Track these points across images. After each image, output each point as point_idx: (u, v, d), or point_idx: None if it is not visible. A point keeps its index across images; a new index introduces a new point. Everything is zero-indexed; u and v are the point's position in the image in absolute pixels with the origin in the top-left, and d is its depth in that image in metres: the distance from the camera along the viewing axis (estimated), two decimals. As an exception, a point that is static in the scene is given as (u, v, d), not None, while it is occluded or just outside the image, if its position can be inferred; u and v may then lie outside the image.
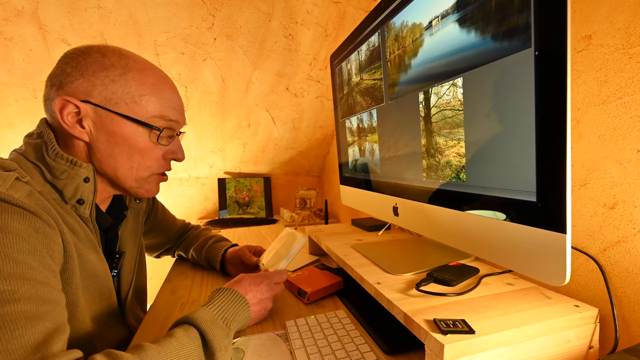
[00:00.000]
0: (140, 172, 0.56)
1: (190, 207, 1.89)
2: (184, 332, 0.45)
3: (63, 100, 0.50)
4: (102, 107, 0.51)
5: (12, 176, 0.44)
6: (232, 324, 0.53)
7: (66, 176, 0.51)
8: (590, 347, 0.47)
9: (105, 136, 0.52)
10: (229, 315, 0.53)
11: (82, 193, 0.52)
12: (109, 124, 0.52)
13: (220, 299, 0.55)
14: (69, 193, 0.51)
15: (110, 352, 0.39)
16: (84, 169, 0.52)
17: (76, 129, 0.51)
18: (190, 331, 0.46)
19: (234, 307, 0.55)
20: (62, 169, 0.50)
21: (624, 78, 0.47)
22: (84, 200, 0.52)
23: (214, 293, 0.57)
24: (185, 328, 0.46)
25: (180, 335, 0.45)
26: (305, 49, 1.27)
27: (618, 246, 0.49)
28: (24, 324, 0.35)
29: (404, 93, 0.67)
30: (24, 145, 0.52)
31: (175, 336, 0.44)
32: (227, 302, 0.55)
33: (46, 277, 0.41)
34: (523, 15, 0.41)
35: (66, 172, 0.51)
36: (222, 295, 0.56)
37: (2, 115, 1.32)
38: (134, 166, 0.55)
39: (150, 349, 0.41)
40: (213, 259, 0.86)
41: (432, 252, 0.73)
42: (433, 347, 0.41)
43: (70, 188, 0.51)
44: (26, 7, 1.01)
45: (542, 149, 0.40)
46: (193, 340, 0.45)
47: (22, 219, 0.41)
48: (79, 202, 0.52)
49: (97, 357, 0.38)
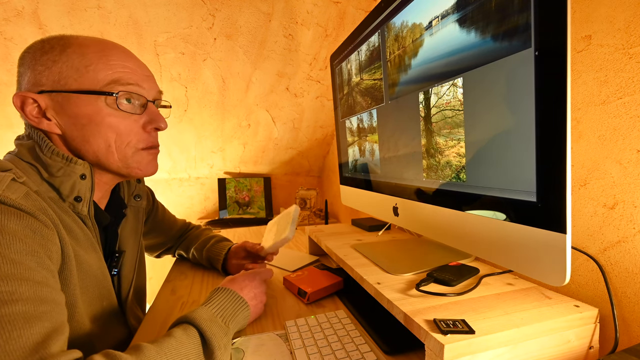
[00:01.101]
0: (121, 150, 0.54)
1: (190, 207, 1.89)
2: (183, 331, 0.46)
3: (19, 97, 0.49)
4: (54, 90, 0.50)
5: (8, 177, 0.44)
6: (231, 322, 0.53)
7: (62, 173, 0.50)
8: (590, 347, 0.47)
9: (71, 120, 0.51)
10: (228, 314, 0.53)
11: (79, 190, 0.52)
12: (68, 106, 0.50)
13: (219, 298, 0.56)
14: (65, 190, 0.51)
15: (108, 352, 0.39)
16: (79, 166, 0.52)
17: (43, 122, 0.51)
18: (189, 330, 0.46)
19: (233, 306, 0.56)
20: (59, 166, 0.50)
21: (624, 78, 0.47)
22: (81, 197, 0.52)
23: (212, 293, 0.58)
24: (184, 327, 0.47)
25: (179, 335, 0.45)
26: (305, 49, 1.27)
27: (618, 246, 0.49)
28: (22, 325, 0.35)
29: (404, 93, 0.67)
30: (16, 148, 0.52)
31: (174, 336, 0.44)
32: (225, 301, 0.56)
33: (44, 277, 0.41)
34: (523, 15, 0.41)
35: (62, 170, 0.50)
36: (220, 295, 0.57)
37: (2, 115, 1.32)
38: (111, 144, 0.53)
39: (149, 349, 0.41)
40: (215, 258, 0.86)
41: (432, 252, 0.73)
42: (433, 347, 0.41)
43: (66, 185, 0.51)
44: (26, 7, 1.01)
45: (542, 149, 0.40)
46: (192, 339, 0.45)
47: (19, 220, 0.41)
48: (77, 200, 0.52)
49: (96, 357, 0.38)
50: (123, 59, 0.53)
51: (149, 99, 0.56)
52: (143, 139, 0.56)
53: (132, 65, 0.54)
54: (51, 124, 0.51)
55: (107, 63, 0.51)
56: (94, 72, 0.50)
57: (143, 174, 0.58)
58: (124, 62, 0.53)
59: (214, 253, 0.87)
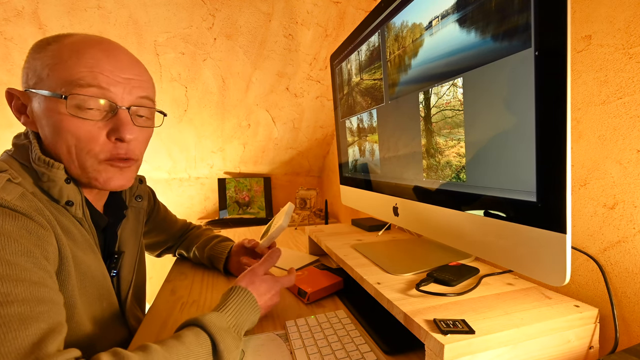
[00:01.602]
0: (81, 157, 0.50)
1: (190, 207, 1.89)
2: (195, 337, 0.44)
3: (7, 93, 0.50)
4: (27, 89, 0.49)
5: (4, 178, 0.43)
6: (243, 329, 0.51)
7: (47, 179, 0.49)
8: (590, 347, 0.47)
9: (41, 121, 0.49)
10: (242, 322, 0.51)
11: (68, 195, 0.50)
12: (37, 106, 0.49)
13: (235, 302, 0.53)
14: (55, 195, 0.50)
15: (116, 351, 0.38)
16: (60, 170, 0.49)
17: (22, 118, 0.51)
18: (201, 336, 0.44)
19: (247, 312, 0.53)
20: (42, 171, 0.49)
21: (624, 78, 0.47)
22: (72, 201, 0.51)
23: (227, 294, 0.55)
24: (196, 332, 0.45)
25: (190, 341, 0.43)
26: (305, 49, 1.27)
27: (618, 246, 0.49)
28: (18, 326, 0.35)
29: (404, 93, 0.67)
30: (13, 147, 0.52)
31: (183, 341, 0.43)
32: (241, 306, 0.53)
33: (41, 277, 0.40)
34: (523, 15, 0.41)
35: (46, 175, 0.49)
36: (236, 298, 0.53)
37: (2, 115, 1.32)
38: (71, 151, 0.49)
39: (157, 351, 0.40)
40: (217, 257, 0.86)
41: (432, 252, 0.73)
42: (433, 347, 0.41)
43: (54, 191, 0.49)
44: (26, 7, 1.00)
45: (542, 149, 0.40)
46: (202, 347, 0.43)
47: (14, 221, 0.40)
48: (68, 204, 0.51)
49: (103, 356, 0.37)
50: (99, 58, 0.48)
51: (120, 104, 0.51)
52: (106, 149, 0.51)
53: (108, 66, 0.49)
54: (28, 121, 0.51)
55: (77, 62, 0.47)
56: (59, 70, 0.47)
57: (102, 187, 0.53)
58: (98, 62, 0.48)
59: (216, 252, 0.87)
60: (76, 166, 0.50)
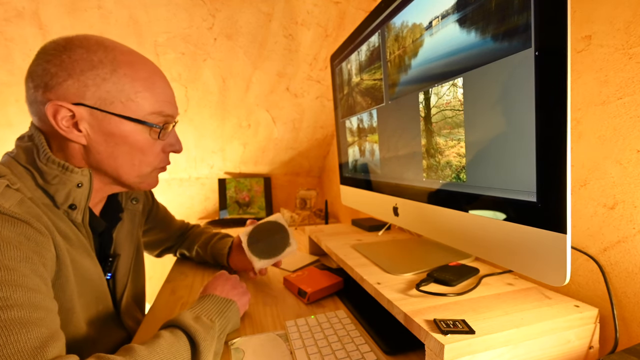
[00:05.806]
0: (142, 169, 0.56)
1: (190, 207, 1.89)
2: (170, 333, 0.46)
3: (55, 106, 0.47)
4: (97, 108, 0.49)
5: (3, 184, 0.44)
6: (217, 319, 0.53)
7: (58, 181, 0.50)
8: (590, 347, 0.47)
9: (104, 137, 0.51)
10: (213, 313, 0.54)
11: (75, 198, 0.51)
12: (107, 125, 0.51)
13: (201, 303, 0.56)
14: (60, 198, 0.50)
15: (100, 356, 0.39)
16: (77, 175, 0.51)
17: (73, 133, 0.50)
18: (175, 331, 0.47)
19: (217, 306, 0.56)
20: (54, 174, 0.49)
21: (624, 78, 0.47)
22: (76, 205, 0.52)
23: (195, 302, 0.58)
24: (170, 330, 0.47)
25: (167, 335, 0.45)
26: (306, 49, 1.27)
27: (618, 246, 0.49)
28: (19, 330, 0.35)
29: (404, 93, 0.68)
30: (15, 149, 0.51)
31: (162, 336, 0.45)
32: (208, 303, 0.56)
33: (37, 284, 0.40)
34: (523, 15, 0.41)
35: (58, 177, 0.49)
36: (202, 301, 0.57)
37: (2, 115, 1.32)
38: (135, 164, 0.55)
39: (140, 349, 0.41)
40: (219, 253, 0.87)
41: (432, 252, 0.73)
42: (433, 347, 0.41)
43: (62, 193, 0.50)
44: (26, 7, 1.01)
45: (542, 149, 0.40)
46: (179, 339, 0.46)
47: (13, 227, 0.41)
48: (71, 208, 0.51)
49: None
50: (164, 86, 0.56)
51: None
52: (162, 159, 0.59)
53: (170, 93, 0.57)
54: (80, 136, 0.50)
55: (154, 92, 0.54)
56: (142, 100, 0.52)
57: (148, 188, 0.61)
58: (166, 91, 0.56)
59: (218, 249, 0.88)
60: (134, 175, 0.56)
